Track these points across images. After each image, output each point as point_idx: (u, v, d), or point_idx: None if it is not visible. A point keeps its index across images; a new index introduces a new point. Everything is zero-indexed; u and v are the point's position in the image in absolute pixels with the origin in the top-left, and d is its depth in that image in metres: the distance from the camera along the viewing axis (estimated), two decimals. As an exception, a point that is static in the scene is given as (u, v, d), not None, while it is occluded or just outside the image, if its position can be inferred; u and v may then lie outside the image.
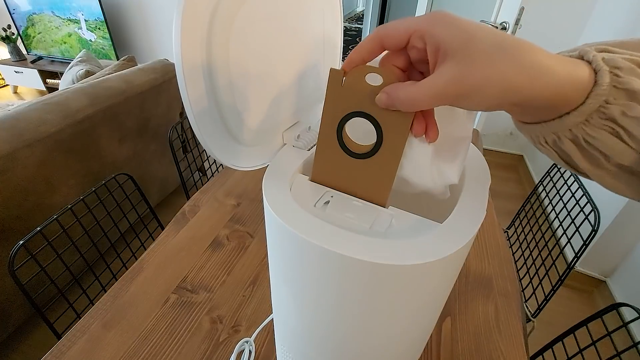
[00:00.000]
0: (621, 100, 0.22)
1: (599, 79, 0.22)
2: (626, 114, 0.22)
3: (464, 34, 0.22)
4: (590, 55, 0.23)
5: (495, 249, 0.75)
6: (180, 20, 0.25)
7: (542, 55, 0.22)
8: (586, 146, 0.24)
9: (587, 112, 0.23)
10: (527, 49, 0.21)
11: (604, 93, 0.22)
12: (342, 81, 0.28)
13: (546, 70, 0.21)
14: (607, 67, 0.22)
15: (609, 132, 0.23)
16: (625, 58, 0.23)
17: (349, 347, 0.33)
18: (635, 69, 0.22)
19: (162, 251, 0.72)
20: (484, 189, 0.32)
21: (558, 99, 0.22)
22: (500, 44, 0.21)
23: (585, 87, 0.22)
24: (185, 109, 0.28)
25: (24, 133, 1.01)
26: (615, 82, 0.22)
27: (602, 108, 0.22)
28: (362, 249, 0.25)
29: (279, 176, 0.33)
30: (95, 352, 0.54)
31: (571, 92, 0.22)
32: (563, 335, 0.72)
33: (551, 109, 0.23)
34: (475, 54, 0.21)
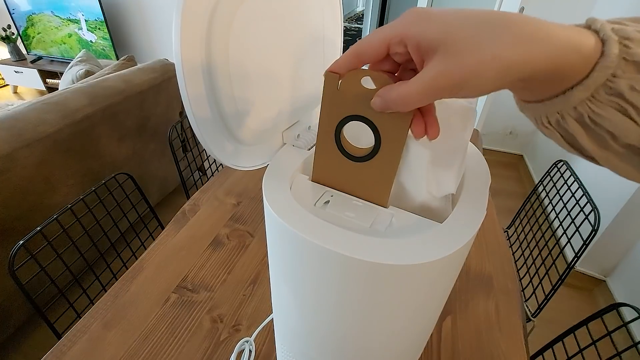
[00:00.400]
0: (630, 73, 0.20)
1: (607, 49, 0.20)
2: (635, 88, 0.20)
3: (441, 26, 0.21)
4: (598, 25, 0.21)
5: (495, 247, 0.75)
6: (180, 20, 0.25)
7: (537, 24, 0.20)
8: (592, 125, 0.22)
9: (593, 86, 0.21)
10: (518, 20, 0.20)
11: (612, 65, 0.20)
12: (338, 85, 0.28)
13: (544, 37, 0.20)
14: (616, 37, 0.20)
15: (616, 109, 0.21)
16: (639, 30, 0.21)
17: (349, 346, 0.33)
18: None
19: (162, 250, 0.72)
20: (484, 188, 0.32)
21: (562, 70, 0.21)
22: (485, 23, 0.20)
23: (591, 57, 0.20)
24: (185, 108, 0.28)
25: (23, 133, 1.01)
26: (625, 54, 0.20)
27: (609, 82, 0.20)
28: (362, 249, 0.25)
29: (279, 176, 0.33)
30: (96, 352, 0.54)
31: (576, 62, 0.20)
32: (563, 334, 0.72)
33: (555, 83, 0.22)
34: (458, 43, 0.20)
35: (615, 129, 0.22)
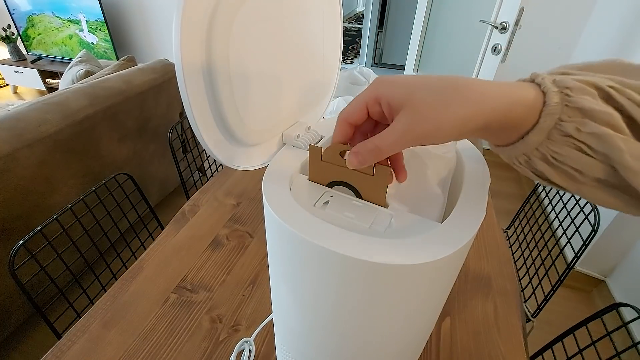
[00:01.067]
0: (575, 117, 0.24)
1: (547, 98, 0.24)
2: (580, 130, 0.24)
3: (406, 89, 0.25)
4: (540, 78, 0.25)
5: (494, 248, 0.75)
6: (180, 20, 0.25)
7: (482, 85, 0.24)
8: (557, 163, 0.26)
9: (545, 129, 0.25)
10: (466, 84, 0.24)
11: (555, 111, 0.24)
12: (320, 157, 0.32)
13: (488, 96, 0.24)
14: (556, 88, 0.24)
15: (572, 147, 0.24)
16: (578, 79, 0.24)
17: (348, 346, 0.33)
18: (586, 88, 0.24)
19: (162, 251, 0.72)
20: (484, 189, 0.32)
21: (511, 120, 0.25)
22: (442, 88, 0.24)
23: (535, 107, 0.24)
24: (185, 108, 0.29)
25: (24, 133, 1.01)
26: (567, 102, 0.24)
27: (558, 125, 0.24)
28: (362, 249, 0.25)
29: (278, 176, 0.33)
30: (96, 351, 0.54)
31: (522, 112, 0.24)
32: (563, 335, 0.72)
33: (511, 130, 0.26)
34: (418, 105, 0.25)
35: (577, 165, 0.25)
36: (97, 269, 0.87)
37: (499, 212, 0.88)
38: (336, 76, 0.49)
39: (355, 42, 4.92)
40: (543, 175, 0.28)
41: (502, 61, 1.46)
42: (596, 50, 1.78)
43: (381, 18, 3.73)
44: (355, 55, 4.49)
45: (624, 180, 0.24)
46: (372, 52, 3.90)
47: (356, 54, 4.52)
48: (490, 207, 0.90)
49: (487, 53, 1.53)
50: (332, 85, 0.49)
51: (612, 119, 0.23)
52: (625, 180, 0.24)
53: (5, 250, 1.01)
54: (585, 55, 1.88)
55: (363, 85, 1.31)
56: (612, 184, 0.25)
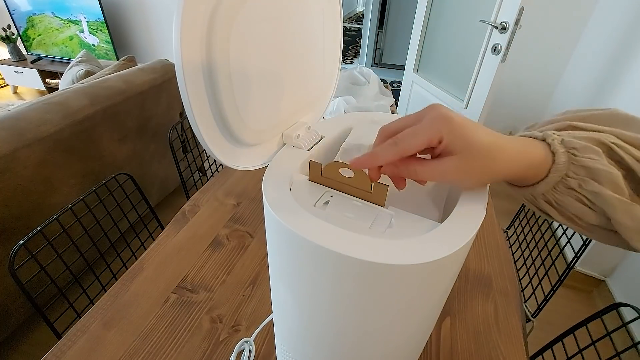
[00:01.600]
0: (580, 174, 0.28)
1: (556, 158, 0.29)
2: (582, 186, 0.28)
3: (465, 140, 0.28)
4: (550, 139, 0.30)
5: (494, 248, 0.75)
6: (180, 20, 0.25)
7: (510, 149, 0.29)
8: (559, 207, 0.30)
9: (552, 182, 0.29)
10: (500, 150, 0.28)
11: (563, 169, 0.29)
12: (320, 172, 0.33)
13: (514, 161, 0.29)
14: (563, 148, 0.29)
15: (574, 198, 0.29)
16: (582, 137, 0.29)
17: (348, 346, 0.33)
18: (589, 147, 0.28)
19: (162, 251, 0.72)
20: (484, 189, 0.32)
21: (527, 176, 0.30)
22: (488, 146, 0.28)
23: (545, 165, 0.29)
24: (185, 108, 0.29)
25: (24, 133, 1.01)
26: (573, 160, 0.28)
27: (564, 180, 0.29)
28: (362, 249, 0.25)
29: (278, 176, 0.33)
30: (96, 351, 0.54)
31: (536, 170, 0.30)
32: (563, 335, 0.72)
33: (525, 182, 0.31)
34: (469, 163, 0.28)
35: (577, 212, 0.30)
36: (97, 269, 0.87)
37: (499, 212, 0.88)
38: (336, 76, 0.49)
39: (355, 42, 4.92)
40: (546, 213, 0.32)
41: (502, 61, 1.46)
42: (596, 51, 1.78)
43: (381, 18, 3.73)
44: (355, 55, 4.49)
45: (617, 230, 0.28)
46: (372, 52, 3.90)
47: (356, 54, 4.52)
48: (491, 207, 0.90)
49: (487, 53, 1.53)
50: (332, 85, 0.49)
51: (613, 177, 0.27)
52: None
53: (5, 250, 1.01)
54: (586, 56, 1.88)
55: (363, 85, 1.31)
56: (606, 228, 0.30)
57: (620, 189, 0.27)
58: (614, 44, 1.63)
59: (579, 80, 1.90)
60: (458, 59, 1.82)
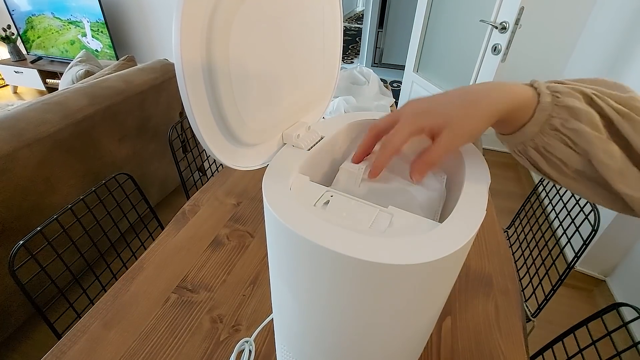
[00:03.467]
0: (562, 115, 0.30)
1: (541, 98, 0.31)
2: (564, 125, 0.30)
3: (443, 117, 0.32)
4: (537, 83, 0.32)
5: (494, 247, 0.75)
6: (180, 20, 0.25)
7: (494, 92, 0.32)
8: (546, 154, 0.32)
9: (539, 122, 0.31)
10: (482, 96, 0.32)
11: (547, 108, 0.31)
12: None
13: (500, 101, 0.31)
14: (548, 91, 0.31)
15: (559, 140, 0.31)
16: (566, 86, 0.31)
17: (349, 346, 0.33)
18: (572, 92, 0.31)
19: (162, 251, 0.72)
20: (484, 188, 0.32)
21: (515, 114, 0.32)
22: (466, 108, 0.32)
23: (532, 104, 0.32)
24: (185, 108, 0.28)
25: (23, 133, 1.01)
26: (556, 101, 0.31)
27: (549, 120, 0.31)
28: (362, 249, 0.25)
29: (279, 176, 0.33)
30: (96, 351, 0.54)
31: (523, 108, 0.32)
32: (563, 334, 0.72)
33: (514, 121, 0.33)
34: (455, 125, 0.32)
35: (562, 156, 0.31)
36: (97, 269, 0.87)
37: (499, 211, 0.88)
38: (336, 76, 0.49)
39: (355, 41, 4.92)
40: (536, 164, 0.34)
41: (502, 61, 1.46)
42: (596, 50, 1.78)
43: (381, 18, 3.73)
44: (355, 55, 4.49)
45: (599, 174, 0.30)
46: (372, 52, 3.90)
47: (356, 53, 4.52)
48: (491, 206, 0.90)
49: (487, 53, 1.53)
50: (332, 85, 0.48)
51: (592, 117, 0.29)
52: (600, 173, 0.30)
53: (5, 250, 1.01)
54: (585, 55, 1.88)
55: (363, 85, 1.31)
56: (591, 177, 0.31)
57: (599, 128, 0.29)
58: (613, 43, 1.63)
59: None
60: (458, 58, 1.82)
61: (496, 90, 0.32)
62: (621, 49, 1.57)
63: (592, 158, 0.30)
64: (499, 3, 1.43)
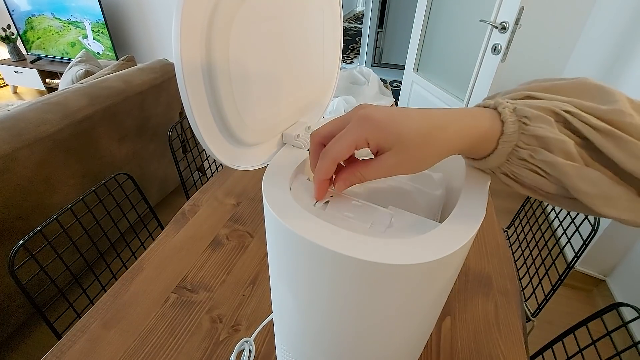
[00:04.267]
0: (531, 145, 0.27)
1: (505, 128, 0.27)
2: (533, 156, 0.27)
3: (395, 135, 0.27)
4: (501, 107, 0.28)
5: (494, 247, 0.75)
6: (180, 20, 0.25)
7: (455, 124, 0.28)
8: (517, 179, 0.29)
9: (503, 154, 0.28)
10: (441, 126, 0.27)
11: (512, 139, 0.27)
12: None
13: (461, 134, 0.28)
14: (514, 117, 0.27)
15: (528, 169, 0.28)
16: (537, 106, 0.27)
17: (348, 346, 0.33)
18: (542, 116, 0.26)
19: (162, 251, 0.72)
20: (484, 188, 0.32)
21: (477, 148, 0.29)
22: (423, 133, 0.27)
23: (495, 135, 0.28)
24: (184, 108, 0.28)
25: (23, 133, 1.01)
26: (523, 130, 0.27)
27: (515, 151, 0.28)
28: (362, 249, 0.25)
29: (278, 176, 0.33)
30: (96, 351, 0.54)
31: (484, 143, 0.28)
32: (563, 334, 0.72)
33: (477, 153, 0.30)
34: (407, 147, 0.27)
35: (534, 184, 0.28)
36: (97, 269, 0.87)
37: (499, 211, 0.88)
38: (336, 76, 0.49)
39: (355, 41, 4.92)
40: (509, 186, 0.31)
41: (502, 61, 1.46)
42: (596, 50, 1.78)
43: (381, 18, 3.73)
44: (355, 55, 4.49)
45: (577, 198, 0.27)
46: (372, 52, 3.90)
47: (356, 53, 4.52)
48: (491, 206, 0.90)
49: (487, 53, 1.53)
50: (332, 84, 0.48)
51: (565, 146, 0.26)
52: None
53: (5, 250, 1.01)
54: (585, 55, 1.88)
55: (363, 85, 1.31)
56: (570, 197, 0.28)
57: (573, 156, 0.26)
58: (613, 43, 1.63)
59: (578, 80, 1.90)
60: (458, 58, 1.82)
61: (453, 125, 0.28)
62: (621, 48, 1.57)
63: (567, 187, 0.27)
64: (499, 3, 1.43)
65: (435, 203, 0.37)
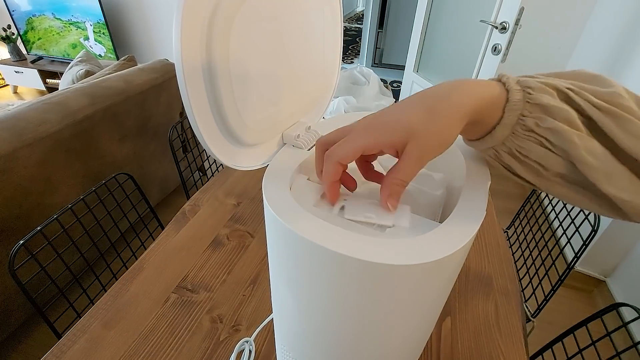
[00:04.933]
0: (535, 113, 0.27)
1: (510, 96, 0.27)
2: (539, 125, 0.27)
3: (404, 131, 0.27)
4: (505, 78, 0.28)
5: (494, 247, 0.75)
6: (180, 20, 0.25)
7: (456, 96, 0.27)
8: (522, 157, 0.29)
9: (509, 124, 0.28)
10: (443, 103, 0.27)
11: (517, 107, 0.27)
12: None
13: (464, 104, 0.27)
14: (518, 87, 0.27)
15: (534, 142, 0.27)
16: (539, 81, 0.27)
17: (348, 347, 0.33)
18: (545, 88, 0.27)
19: (162, 251, 0.72)
20: (484, 188, 0.32)
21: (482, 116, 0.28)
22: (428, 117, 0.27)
23: (500, 103, 0.28)
24: (185, 108, 0.29)
25: (24, 133, 1.01)
26: (528, 99, 0.27)
27: (521, 120, 0.27)
28: (362, 249, 0.25)
29: (279, 176, 0.33)
30: (96, 351, 0.54)
31: (490, 108, 0.28)
32: (563, 335, 0.72)
33: (481, 124, 0.29)
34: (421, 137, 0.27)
35: (540, 159, 0.28)
36: (97, 269, 0.87)
37: (499, 211, 0.88)
38: (336, 76, 0.49)
39: (355, 42, 4.92)
40: (511, 170, 0.30)
41: (502, 61, 1.46)
42: (596, 50, 1.78)
43: (381, 18, 3.73)
44: (355, 55, 4.49)
45: (583, 176, 0.27)
46: (372, 52, 3.90)
47: (356, 54, 4.52)
48: (491, 206, 0.90)
49: (487, 53, 1.53)
50: (332, 85, 0.49)
51: (569, 115, 0.26)
52: (584, 175, 0.27)
53: (5, 250, 1.01)
54: (585, 55, 1.88)
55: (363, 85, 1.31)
56: (573, 180, 0.28)
57: (578, 126, 0.26)
58: (613, 43, 1.63)
59: (579, 80, 1.90)
60: (458, 58, 1.82)
61: (456, 91, 0.27)
62: (621, 48, 1.57)
63: (573, 159, 0.26)
64: (499, 3, 1.43)
65: (436, 203, 0.37)
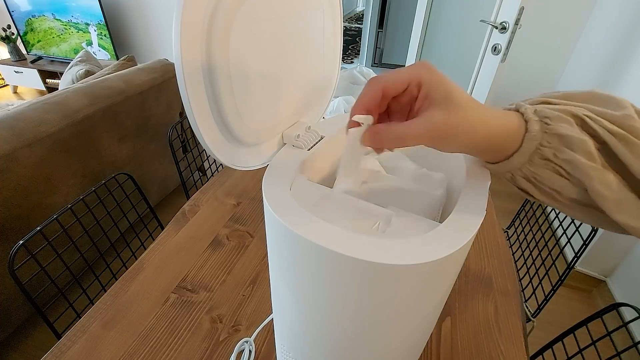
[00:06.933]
0: (554, 143, 0.27)
1: (529, 126, 0.28)
2: (557, 155, 0.27)
3: (448, 90, 0.26)
4: (523, 108, 0.29)
5: (494, 248, 0.75)
6: (180, 20, 0.25)
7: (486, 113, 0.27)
8: (537, 183, 0.29)
9: (527, 153, 0.28)
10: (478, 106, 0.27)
11: (536, 137, 0.27)
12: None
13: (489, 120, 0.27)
14: (536, 117, 0.28)
15: (551, 170, 0.28)
16: (556, 109, 0.28)
17: (348, 346, 0.33)
18: (562, 116, 0.27)
19: (162, 251, 0.72)
20: (484, 188, 0.32)
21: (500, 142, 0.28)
22: (466, 101, 0.26)
23: (519, 133, 0.28)
24: (185, 108, 0.28)
25: (23, 133, 1.01)
26: (546, 129, 0.27)
27: (539, 150, 0.28)
28: (362, 249, 0.25)
29: (279, 176, 0.33)
30: (95, 351, 0.54)
31: (509, 137, 0.28)
32: (563, 335, 0.72)
33: (499, 151, 0.29)
34: (460, 104, 0.26)
35: (555, 186, 0.29)
36: (97, 269, 0.87)
37: (499, 211, 0.88)
38: (336, 76, 0.49)
39: (355, 42, 4.92)
40: (527, 192, 0.31)
41: (502, 61, 1.46)
42: (596, 50, 1.78)
43: (381, 18, 3.73)
44: (355, 55, 4.49)
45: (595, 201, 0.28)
46: (372, 52, 3.90)
47: (356, 53, 4.52)
48: (491, 206, 0.90)
49: (487, 53, 1.53)
50: (332, 84, 0.48)
51: (586, 145, 0.27)
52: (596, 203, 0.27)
53: (5, 250, 1.01)
54: (585, 55, 1.88)
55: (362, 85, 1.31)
56: (586, 204, 0.29)
57: (594, 157, 0.27)
58: (613, 43, 1.63)
59: (579, 80, 1.90)
60: (458, 58, 1.82)
61: (491, 109, 0.28)
62: (621, 48, 1.57)
63: (588, 188, 0.27)
64: (499, 3, 1.43)
65: (436, 203, 0.37)
